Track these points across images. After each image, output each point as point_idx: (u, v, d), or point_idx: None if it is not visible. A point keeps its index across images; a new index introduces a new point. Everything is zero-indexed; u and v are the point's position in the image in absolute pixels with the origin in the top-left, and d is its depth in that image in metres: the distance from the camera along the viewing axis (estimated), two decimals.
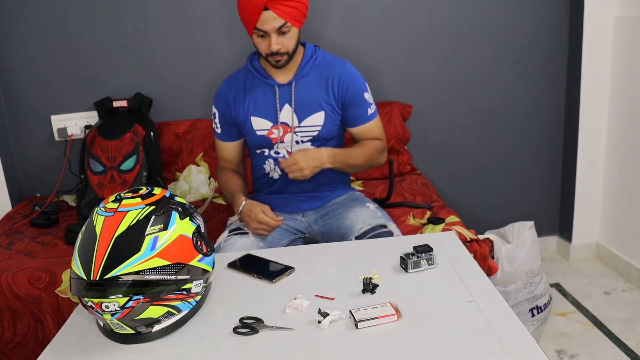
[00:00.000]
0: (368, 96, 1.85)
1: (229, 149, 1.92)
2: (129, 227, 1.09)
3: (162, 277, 1.10)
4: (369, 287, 1.23)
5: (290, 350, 1.06)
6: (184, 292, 1.14)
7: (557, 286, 2.57)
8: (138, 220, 1.10)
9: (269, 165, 1.88)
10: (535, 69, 2.66)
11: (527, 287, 2.04)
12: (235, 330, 1.12)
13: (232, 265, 1.40)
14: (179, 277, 1.12)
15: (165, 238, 1.11)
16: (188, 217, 1.16)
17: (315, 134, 1.81)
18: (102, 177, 2.24)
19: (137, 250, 1.08)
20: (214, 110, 1.89)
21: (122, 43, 2.44)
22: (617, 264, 2.63)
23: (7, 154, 2.47)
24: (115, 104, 2.38)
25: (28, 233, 2.17)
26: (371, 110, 1.86)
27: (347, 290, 1.24)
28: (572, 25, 2.58)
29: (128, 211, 1.11)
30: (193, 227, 1.16)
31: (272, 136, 1.82)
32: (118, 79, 2.46)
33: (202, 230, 1.21)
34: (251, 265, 1.39)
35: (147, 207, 1.12)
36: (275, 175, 1.88)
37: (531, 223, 2.13)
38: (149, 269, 1.08)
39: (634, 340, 2.14)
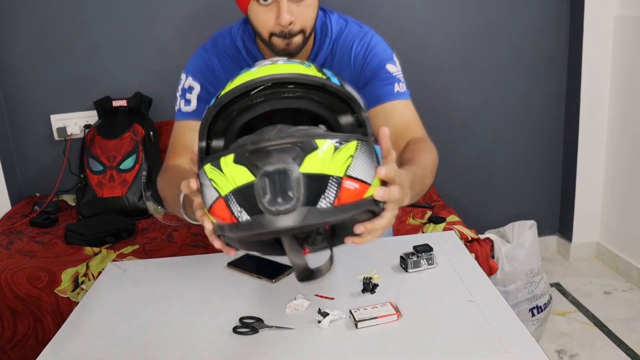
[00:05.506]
0: (395, 70, 1.37)
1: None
2: None
3: None
4: (369, 286, 1.23)
5: (290, 350, 1.06)
6: None
7: (557, 286, 2.57)
8: None
9: None
10: (535, 68, 2.65)
11: (527, 286, 2.04)
12: (235, 330, 1.12)
13: (232, 264, 1.40)
14: None
15: None
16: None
17: None
18: (102, 177, 2.24)
19: None
20: (190, 82, 1.45)
21: (121, 42, 2.44)
22: (617, 264, 2.63)
23: (6, 153, 2.47)
24: (115, 103, 2.37)
25: (27, 232, 2.17)
26: (400, 88, 1.35)
27: (347, 290, 1.24)
28: (572, 24, 2.58)
29: None
30: None
31: None
32: (117, 78, 2.46)
33: None
34: (251, 265, 1.39)
35: None
36: None
37: (531, 222, 2.13)
38: None
39: (634, 340, 2.14)
